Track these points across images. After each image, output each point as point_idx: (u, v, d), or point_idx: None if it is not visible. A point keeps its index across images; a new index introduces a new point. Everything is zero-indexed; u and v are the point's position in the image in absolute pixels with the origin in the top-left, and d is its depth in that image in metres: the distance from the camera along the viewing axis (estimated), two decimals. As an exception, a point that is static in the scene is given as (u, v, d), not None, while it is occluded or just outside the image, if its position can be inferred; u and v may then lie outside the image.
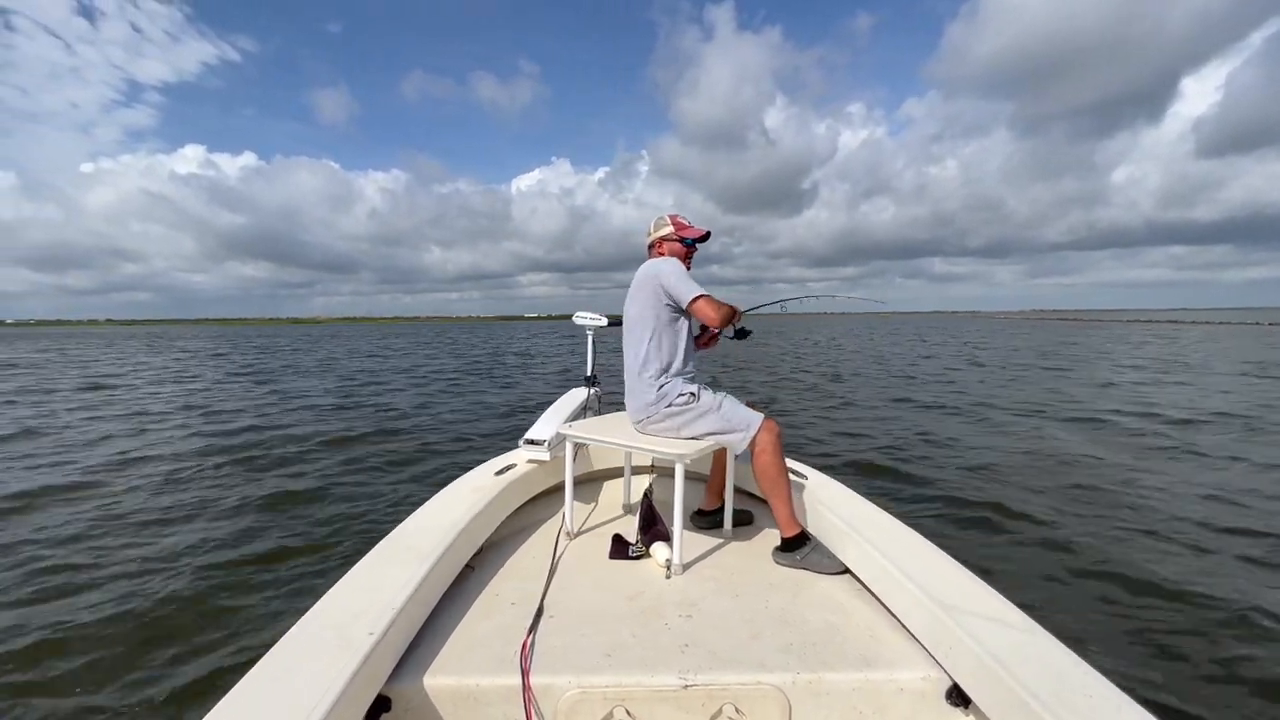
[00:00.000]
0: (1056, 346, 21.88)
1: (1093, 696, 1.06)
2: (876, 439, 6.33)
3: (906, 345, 24.98)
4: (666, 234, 2.25)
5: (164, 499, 4.44)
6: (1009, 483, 4.68)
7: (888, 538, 1.76)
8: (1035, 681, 1.10)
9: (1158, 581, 2.94)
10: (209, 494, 4.58)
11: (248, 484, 4.83)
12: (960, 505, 4.13)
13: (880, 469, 5.17)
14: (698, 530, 2.27)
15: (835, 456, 5.61)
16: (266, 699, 1.01)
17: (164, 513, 4.13)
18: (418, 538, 1.70)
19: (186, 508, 4.24)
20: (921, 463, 5.31)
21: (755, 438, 1.96)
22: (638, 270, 2.19)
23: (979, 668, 1.21)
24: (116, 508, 4.23)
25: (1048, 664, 1.16)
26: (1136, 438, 6.26)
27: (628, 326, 2.18)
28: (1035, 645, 1.22)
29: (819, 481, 2.24)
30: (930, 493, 4.44)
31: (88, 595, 2.91)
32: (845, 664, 1.40)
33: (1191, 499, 4.21)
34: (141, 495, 4.56)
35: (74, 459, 5.69)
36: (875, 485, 4.65)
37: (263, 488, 4.69)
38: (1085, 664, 1.16)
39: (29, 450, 6.13)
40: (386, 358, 20.70)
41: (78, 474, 5.13)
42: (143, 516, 4.06)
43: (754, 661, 1.40)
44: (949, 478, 4.81)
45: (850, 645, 1.48)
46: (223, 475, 5.12)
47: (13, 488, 4.66)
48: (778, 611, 1.65)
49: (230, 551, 3.44)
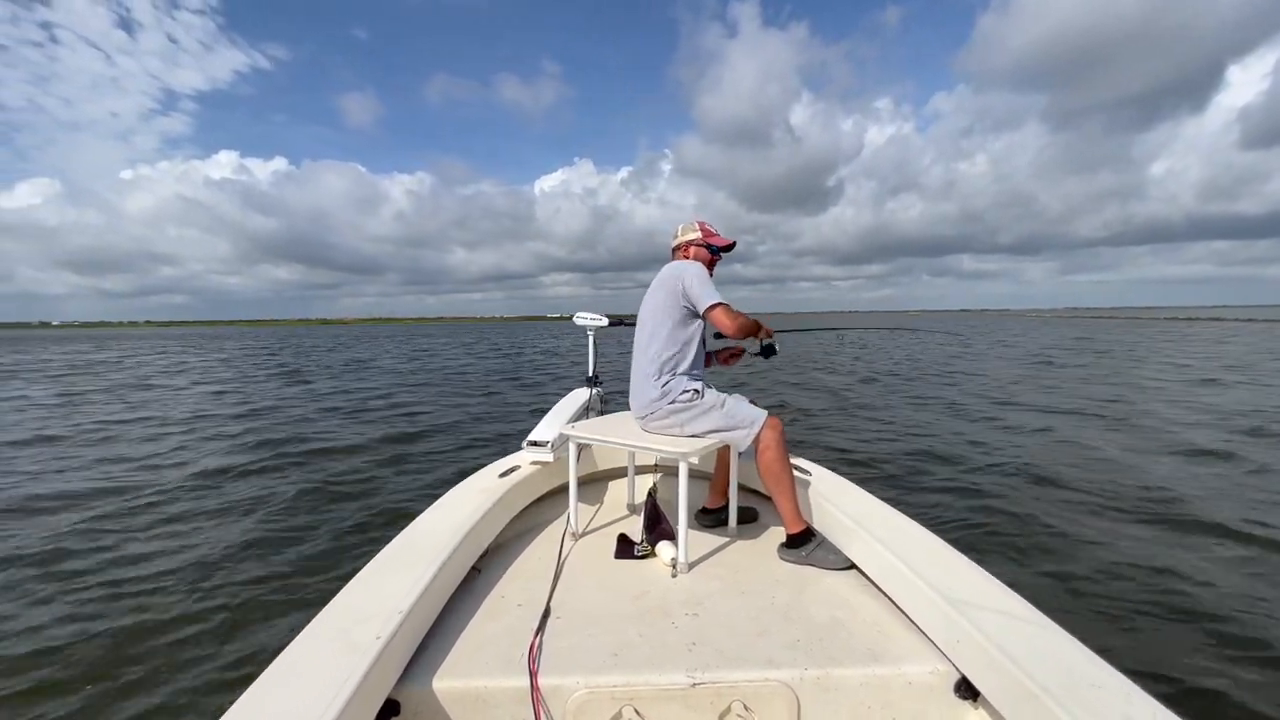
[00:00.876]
0: (1148, 346, 19.52)
1: (1102, 688, 1.06)
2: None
3: (968, 347, 21.13)
4: (694, 239, 2.26)
5: (231, 496, 4.49)
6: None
7: (894, 532, 1.75)
8: (1044, 673, 1.10)
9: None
10: (263, 491, 4.63)
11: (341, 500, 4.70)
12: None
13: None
14: (702, 528, 2.27)
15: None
16: (275, 704, 1.01)
17: (216, 513, 4.17)
18: (424, 541, 1.70)
19: (241, 504, 4.29)
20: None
21: (759, 435, 1.96)
22: (661, 270, 2.21)
23: (987, 660, 1.21)
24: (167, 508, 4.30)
25: (1057, 656, 1.16)
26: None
27: (641, 322, 2.19)
28: (1044, 637, 1.22)
29: (823, 478, 2.24)
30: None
31: (93, 593, 2.93)
32: (853, 659, 1.40)
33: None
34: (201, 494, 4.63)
35: (111, 457, 5.74)
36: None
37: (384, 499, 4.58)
38: (1095, 655, 1.16)
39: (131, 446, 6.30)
40: (472, 358, 20.16)
41: (104, 478, 5.16)
42: (181, 515, 4.12)
43: (761, 658, 1.40)
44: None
45: (857, 640, 1.48)
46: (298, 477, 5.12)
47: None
48: (784, 608, 1.65)
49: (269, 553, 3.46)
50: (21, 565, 3.34)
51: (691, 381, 2.06)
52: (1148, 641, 2.43)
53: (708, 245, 2.26)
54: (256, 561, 3.37)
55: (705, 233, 2.26)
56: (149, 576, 3.20)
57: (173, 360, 21.41)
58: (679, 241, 2.29)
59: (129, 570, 3.28)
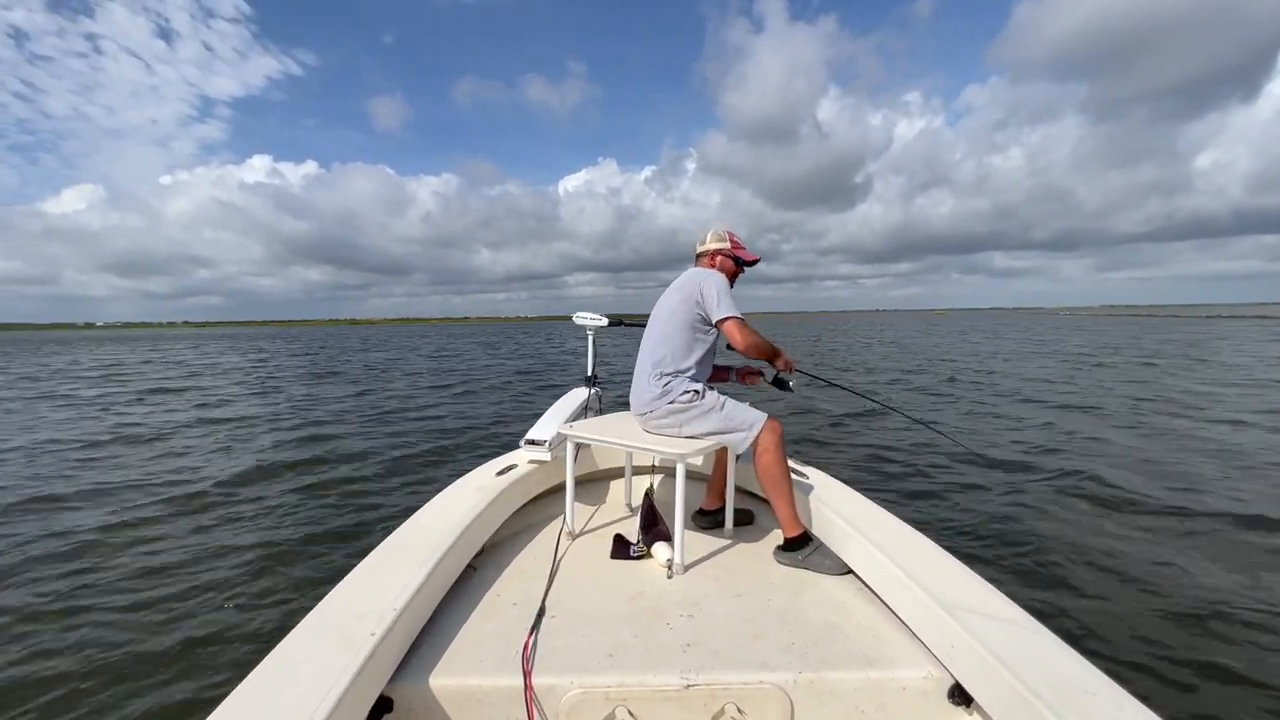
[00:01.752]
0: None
1: (1095, 694, 1.06)
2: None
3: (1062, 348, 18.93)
4: (722, 249, 2.25)
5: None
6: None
7: (890, 537, 1.75)
8: (1037, 680, 1.10)
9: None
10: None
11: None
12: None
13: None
14: (699, 530, 2.27)
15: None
16: (268, 699, 1.01)
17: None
18: (419, 538, 1.70)
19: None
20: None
21: (758, 438, 1.96)
22: (682, 273, 2.22)
23: (981, 666, 1.21)
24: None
25: (1050, 662, 1.16)
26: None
27: (652, 322, 2.19)
28: (1038, 644, 1.22)
29: (821, 481, 2.23)
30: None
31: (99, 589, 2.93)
32: (847, 663, 1.40)
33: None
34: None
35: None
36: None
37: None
38: (1087, 662, 1.16)
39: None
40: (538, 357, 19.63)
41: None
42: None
43: (756, 661, 1.40)
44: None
45: (852, 644, 1.48)
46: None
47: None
48: (779, 611, 1.65)
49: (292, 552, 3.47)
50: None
51: (693, 383, 2.06)
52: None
53: (734, 258, 2.26)
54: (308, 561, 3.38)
55: (734, 244, 2.26)
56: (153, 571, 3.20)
57: (226, 360, 21.12)
58: (706, 248, 2.28)
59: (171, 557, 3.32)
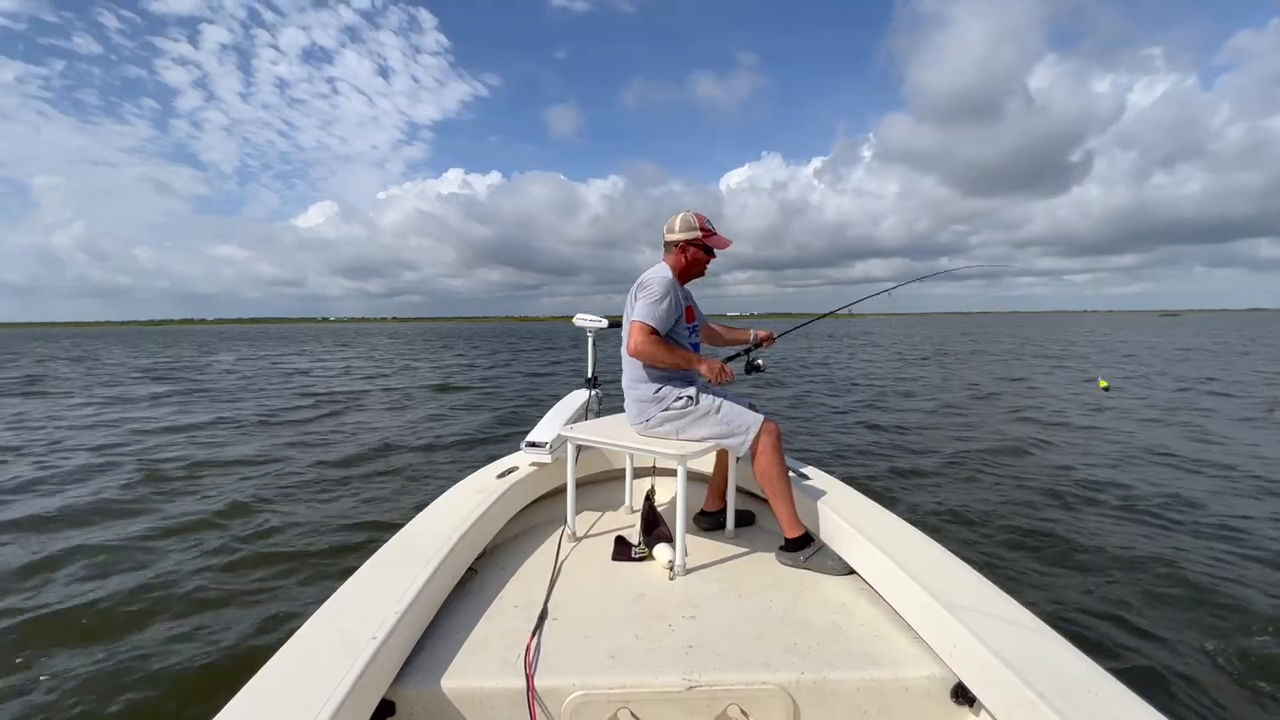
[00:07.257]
0: None
1: (1099, 694, 1.06)
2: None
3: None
4: (692, 238, 2.11)
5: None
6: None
7: (891, 537, 1.75)
8: (1040, 679, 1.10)
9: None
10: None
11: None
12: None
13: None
14: (700, 531, 2.27)
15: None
16: (271, 704, 1.01)
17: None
18: (421, 541, 1.70)
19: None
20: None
21: (755, 440, 1.96)
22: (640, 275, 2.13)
23: (984, 666, 1.21)
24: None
25: (1053, 661, 1.16)
26: None
27: (625, 329, 2.12)
28: (1041, 643, 1.22)
29: (822, 482, 2.23)
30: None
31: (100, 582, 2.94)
32: (850, 663, 1.40)
33: None
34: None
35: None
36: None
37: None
38: (1091, 661, 1.16)
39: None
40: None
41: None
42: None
43: (758, 662, 1.40)
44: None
45: (855, 644, 1.48)
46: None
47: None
48: (781, 611, 1.65)
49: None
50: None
51: (684, 388, 2.05)
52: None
53: (705, 246, 2.15)
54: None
55: (705, 231, 2.11)
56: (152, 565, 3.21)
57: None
58: (675, 238, 2.12)
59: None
